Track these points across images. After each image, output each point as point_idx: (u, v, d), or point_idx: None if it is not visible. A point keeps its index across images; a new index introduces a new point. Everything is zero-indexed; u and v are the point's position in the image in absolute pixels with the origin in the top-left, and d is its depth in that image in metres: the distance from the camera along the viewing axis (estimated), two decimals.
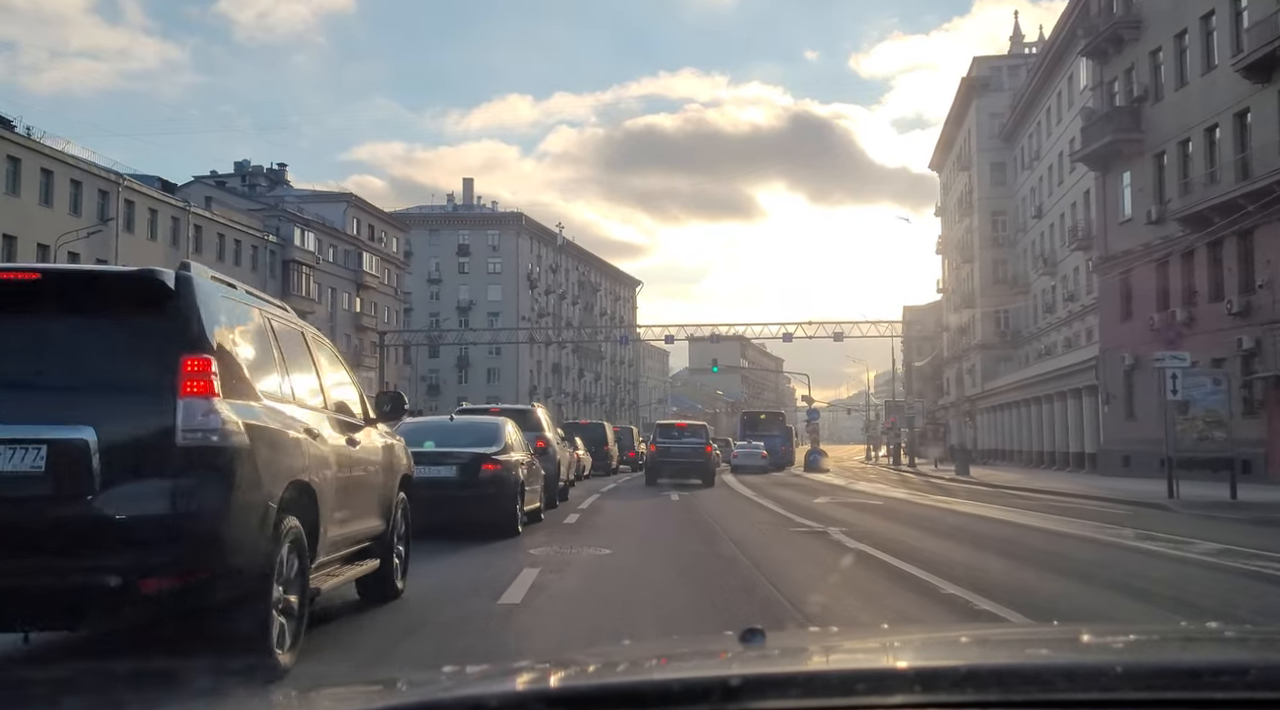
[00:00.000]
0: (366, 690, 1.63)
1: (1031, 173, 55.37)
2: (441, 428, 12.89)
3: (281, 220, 57.77)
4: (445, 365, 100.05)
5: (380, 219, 72.58)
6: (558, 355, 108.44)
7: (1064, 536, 13.68)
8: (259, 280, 54.40)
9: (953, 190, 71.25)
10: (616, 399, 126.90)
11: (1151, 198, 29.96)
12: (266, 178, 68.97)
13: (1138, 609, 7.63)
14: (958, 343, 71.25)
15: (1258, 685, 1.26)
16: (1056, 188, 49.67)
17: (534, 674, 1.55)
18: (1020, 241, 58.95)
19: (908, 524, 15.36)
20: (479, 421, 13.72)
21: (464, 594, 7.56)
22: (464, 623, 6.50)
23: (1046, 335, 52.55)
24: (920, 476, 39.11)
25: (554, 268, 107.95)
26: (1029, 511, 18.22)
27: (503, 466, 11.62)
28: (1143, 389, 30.92)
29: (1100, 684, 1.27)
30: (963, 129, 65.63)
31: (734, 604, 7.45)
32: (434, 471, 10.53)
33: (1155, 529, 14.35)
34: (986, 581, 8.50)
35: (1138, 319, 30.64)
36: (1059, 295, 49.96)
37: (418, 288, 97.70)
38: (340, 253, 64.68)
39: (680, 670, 1.53)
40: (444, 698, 1.37)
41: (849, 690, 1.23)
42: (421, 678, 1.57)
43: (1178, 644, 1.92)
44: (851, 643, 2.05)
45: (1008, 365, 60.48)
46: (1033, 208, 54.57)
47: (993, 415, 59.80)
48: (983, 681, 1.26)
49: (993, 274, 61.67)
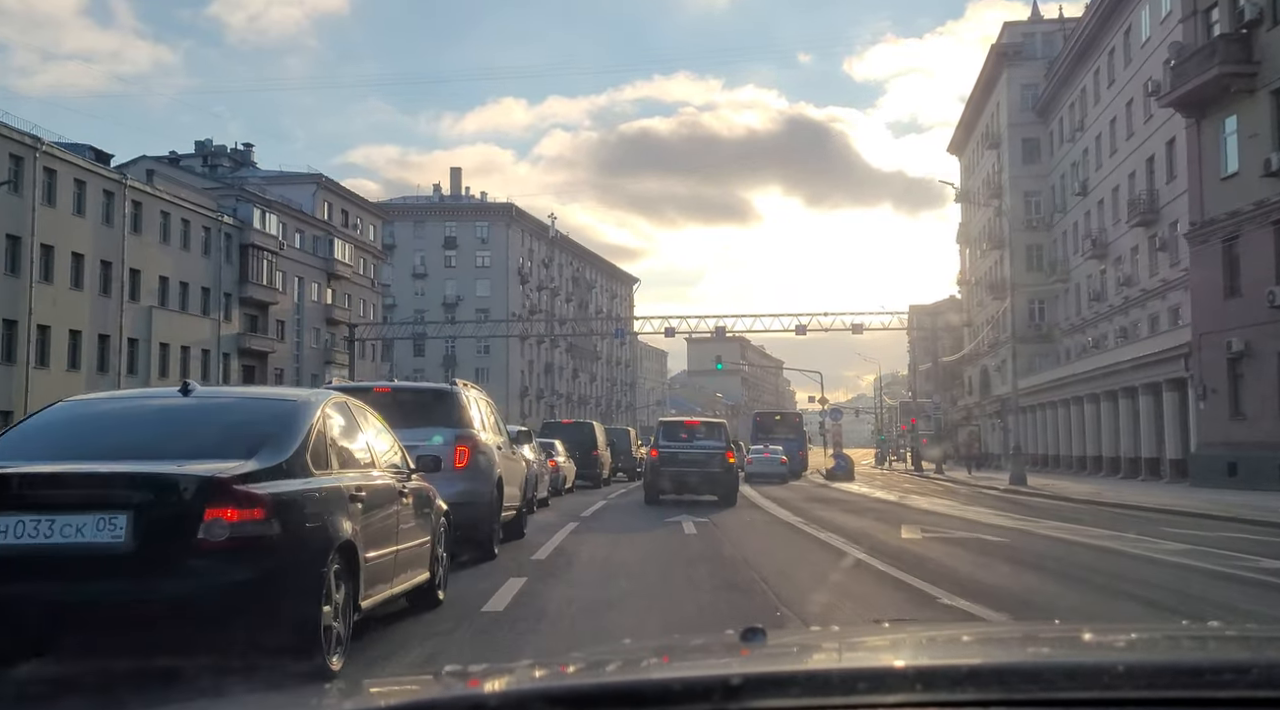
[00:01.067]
0: (367, 691, 1.62)
1: (1073, 146, 49.73)
2: (128, 419, 5.63)
3: (240, 200, 51.97)
4: (431, 364, 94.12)
5: (355, 204, 66.76)
6: (550, 355, 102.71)
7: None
8: (212, 266, 48.73)
9: (977, 172, 65.60)
10: (613, 401, 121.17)
11: (1270, 144, 24.29)
12: (230, 158, 63.15)
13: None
14: (983, 338, 65.56)
15: (1259, 684, 1.25)
16: (1107, 159, 44.04)
17: (534, 674, 1.57)
18: (1059, 224, 53.31)
19: (1115, 594, 8.77)
20: (246, 400, 6.20)
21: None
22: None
23: (1094, 326, 46.89)
24: (967, 486, 33.40)
25: (546, 262, 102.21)
26: (1207, 546, 12.46)
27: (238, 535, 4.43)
28: (1256, 380, 25.25)
29: (1102, 683, 1.25)
30: (990, 103, 59.96)
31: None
32: None
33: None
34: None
35: (1249, 295, 24.96)
36: (1110, 280, 44.31)
37: (402, 283, 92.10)
38: (309, 239, 58.91)
39: (681, 669, 1.53)
40: (444, 698, 1.38)
41: (850, 689, 1.22)
42: (421, 678, 1.58)
43: (1179, 643, 1.91)
44: (853, 642, 1.99)
45: (1044, 361, 54.83)
46: (1075, 184, 48.91)
47: (1030, 416, 54.09)
48: (984, 680, 1.25)
49: (1026, 261, 55.98)
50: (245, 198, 52.32)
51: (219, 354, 49.50)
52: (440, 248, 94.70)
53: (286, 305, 56.14)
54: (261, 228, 52.46)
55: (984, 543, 12.75)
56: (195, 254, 47.87)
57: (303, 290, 58.02)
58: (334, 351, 59.63)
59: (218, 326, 49.38)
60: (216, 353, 49.34)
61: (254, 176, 59.84)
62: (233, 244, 50.88)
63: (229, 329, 50.48)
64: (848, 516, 17.28)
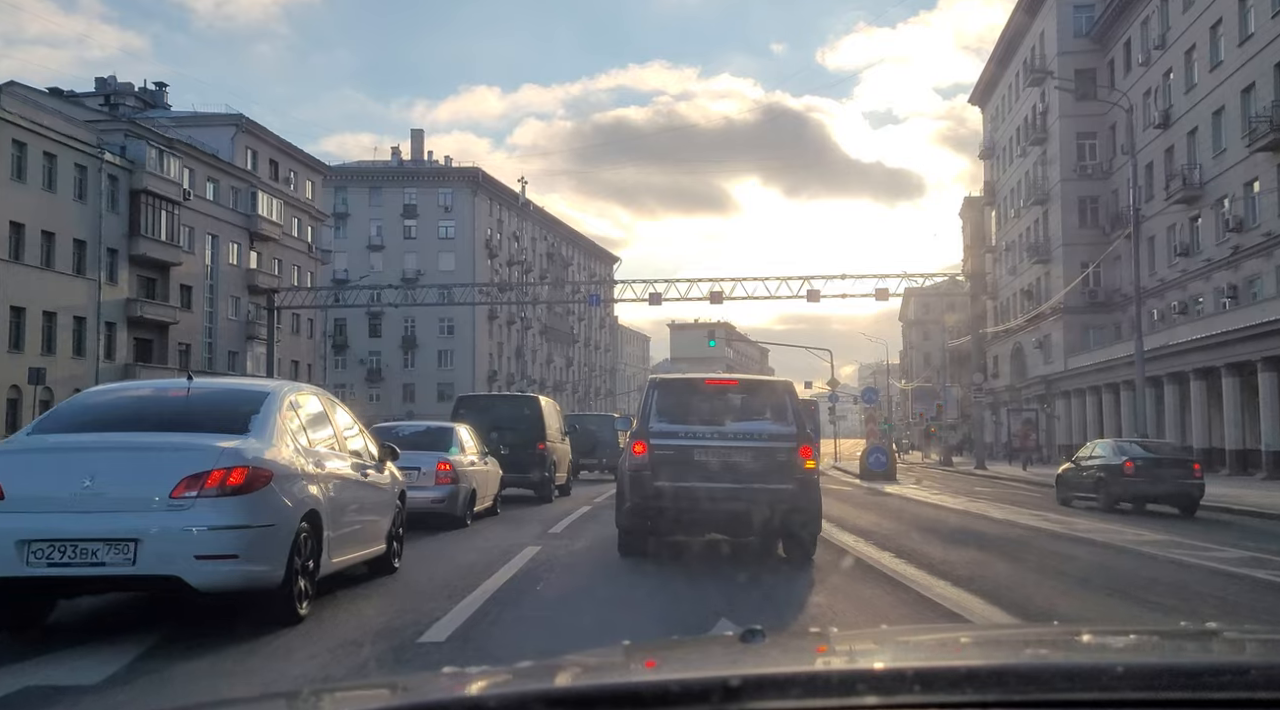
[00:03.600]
0: (367, 692, 1.63)
1: (1148, 70, 40.83)
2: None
3: (129, 136, 42.40)
4: (388, 346, 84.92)
5: (288, 154, 57.07)
6: (523, 337, 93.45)
7: None
8: (89, 214, 39.28)
9: (1010, 119, 56.65)
10: (591, 388, 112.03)
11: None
12: (138, 98, 53.43)
13: None
14: (1011, 312, 56.75)
15: (1258, 685, 1.24)
16: (1205, 76, 35.19)
17: (534, 674, 1.56)
18: (1122, 169, 44.41)
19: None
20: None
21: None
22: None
23: (1181, 287, 38.01)
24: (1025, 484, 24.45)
25: (517, 235, 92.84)
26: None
27: None
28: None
29: (1100, 684, 1.25)
30: (1032, 31, 50.90)
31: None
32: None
33: None
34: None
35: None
36: (1208, 229, 35.48)
37: (356, 255, 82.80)
38: (225, 191, 49.35)
39: (680, 670, 1.52)
40: (444, 698, 1.37)
41: (849, 690, 1.22)
42: (422, 678, 1.56)
43: (1178, 644, 1.90)
44: (852, 643, 1.98)
45: (1100, 335, 46.02)
46: (1152, 115, 40.00)
47: (1079, 400, 45.27)
48: (982, 681, 1.24)
49: (1078, 216, 47.14)
50: (137, 134, 42.74)
51: (99, 323, 40.01)
52: (399, 217, 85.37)
53: (195, 268, 46.66)
54: (160, 172, 42.90)
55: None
56: (64, 198, 38.33)
57: (217, 250, 48.51)
58: (258, 325, 50.20)
59: (97, 289, 39.87)
60: (96, 321, 39.85)
61: (163, 117, 50.27)
62: (119, 189, 41.35)
63: (114, 293, 41.01)
64: (1015, 569, 8.30)
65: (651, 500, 9.13)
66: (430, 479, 11.80)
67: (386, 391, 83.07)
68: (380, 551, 7.85)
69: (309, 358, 58.22)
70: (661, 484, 9.07)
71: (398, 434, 12.65)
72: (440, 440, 12.82)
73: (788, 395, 9.81)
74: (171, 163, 43.76)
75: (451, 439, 12.98)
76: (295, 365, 55.69)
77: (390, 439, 10.42)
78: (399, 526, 8.36)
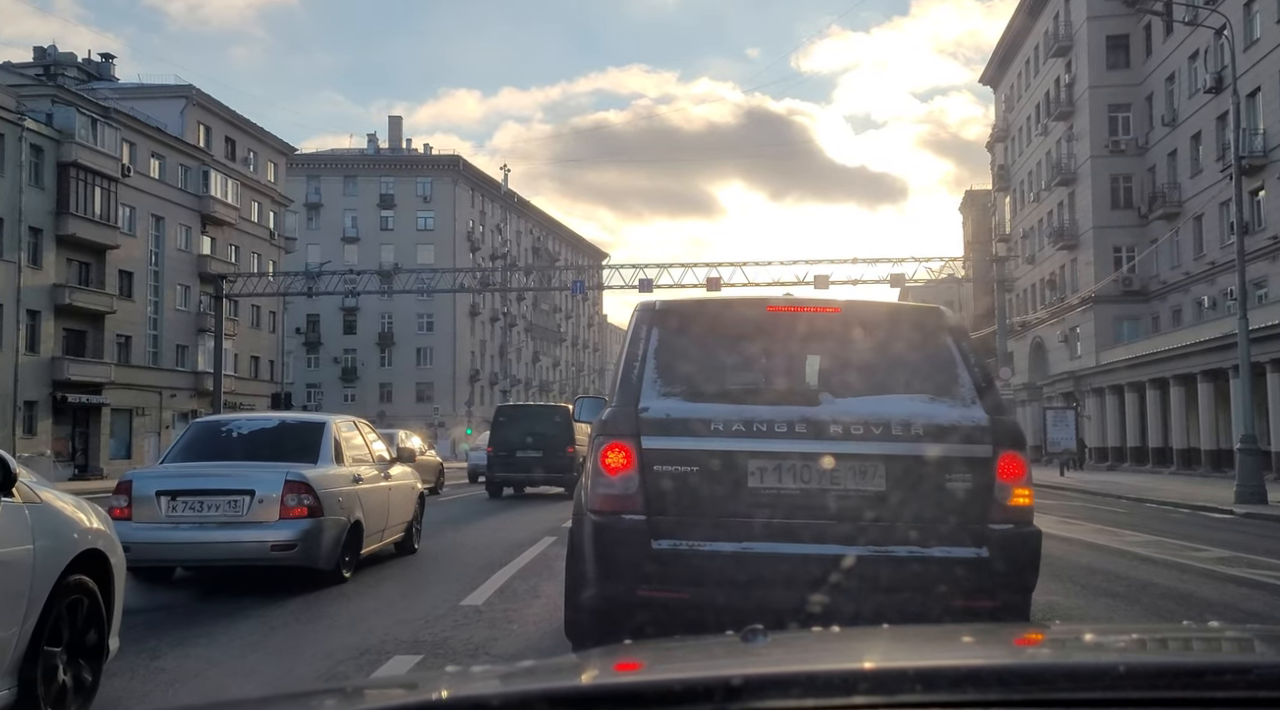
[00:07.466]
0: (367, 691, 1.63)
1: (1193, 33, 36.64)
2: None
3: (57, 102, 37.89)
4: (364, 344, 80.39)
5: (246, 132, 52.51)
6: (507, 335, 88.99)
7: None
8: (7, 186, 34.84)
9: (1029, 96, 52.48)
10: (580, 388, 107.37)
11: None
12: (81, 69, 48.87)
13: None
14: (1029, 304, 52.62)
15: (1260, 685, 1.23)
16: (1271, 28, 31.01)
17: (536, 674, 1.56)
18: (1160, 142, 40.29)
19: None
20: None
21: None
22: None
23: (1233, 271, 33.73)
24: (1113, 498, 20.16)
25: (500, 228, 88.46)
26: None
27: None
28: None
29: (1102, 684, 1.24)
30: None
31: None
32: None
33: None
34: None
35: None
36: (1274, 204, 31.32)
37: (329, 247, 78.22)
38: (173, 168, 44.86)
39: (682, 670, 1.50)
40: (445, 698, 1.35)
41: (851, 690, 1.21)
42: (423, 677, 1.54)
43: (1180, 643, 1.89)
44: (853, 643, 1.95)
45: (1134, 327, 41.88)
46: (1203, 79, 35.84)
47: (1115, 399, 41.08)
48: (984, 681, 1.24)
49: (1110, 196, 42.98)
50: (65, 101, 38.22)
51: (19, 311, 35.47)
52: (375, 207, 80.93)
53: (137, 252, 42.16)
54: (93, 144, 38.40)
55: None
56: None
57: (163, 233, 44.00)
58: (211, 317, 45.67)
59: (17, 272, 35.33)
60: (15, 309, 35.31)
61: (106, 88, 45.79)
62: (45, 161, 36.84)
63: (39, 278, 36.49)
64: None
65: (642, 585, 4.33)
66: (271, 510, 7.37)
67: (362, 391, 78.53)
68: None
69: (270, 353, 53.60)
70: (666, 547, 4.31)
71: (230, 433, 8.33)
72: (296, 444, 8.28)
73: (953, 340, 4.76)
74: (107, 133, 39.23)
75: (318, 441, 8.32)
76: (255, 361, 51.15)
77: (214, 442, 8.41)
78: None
